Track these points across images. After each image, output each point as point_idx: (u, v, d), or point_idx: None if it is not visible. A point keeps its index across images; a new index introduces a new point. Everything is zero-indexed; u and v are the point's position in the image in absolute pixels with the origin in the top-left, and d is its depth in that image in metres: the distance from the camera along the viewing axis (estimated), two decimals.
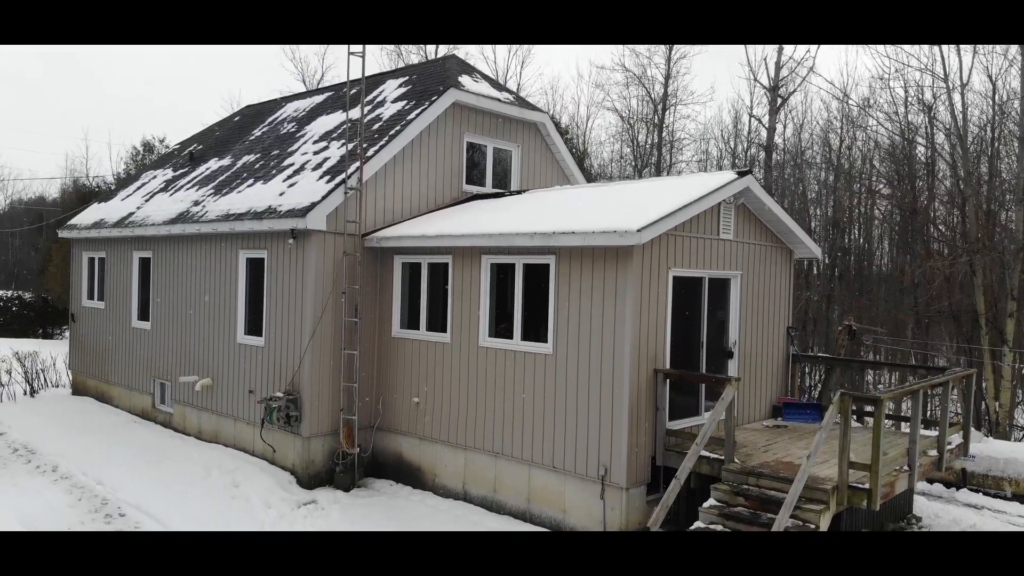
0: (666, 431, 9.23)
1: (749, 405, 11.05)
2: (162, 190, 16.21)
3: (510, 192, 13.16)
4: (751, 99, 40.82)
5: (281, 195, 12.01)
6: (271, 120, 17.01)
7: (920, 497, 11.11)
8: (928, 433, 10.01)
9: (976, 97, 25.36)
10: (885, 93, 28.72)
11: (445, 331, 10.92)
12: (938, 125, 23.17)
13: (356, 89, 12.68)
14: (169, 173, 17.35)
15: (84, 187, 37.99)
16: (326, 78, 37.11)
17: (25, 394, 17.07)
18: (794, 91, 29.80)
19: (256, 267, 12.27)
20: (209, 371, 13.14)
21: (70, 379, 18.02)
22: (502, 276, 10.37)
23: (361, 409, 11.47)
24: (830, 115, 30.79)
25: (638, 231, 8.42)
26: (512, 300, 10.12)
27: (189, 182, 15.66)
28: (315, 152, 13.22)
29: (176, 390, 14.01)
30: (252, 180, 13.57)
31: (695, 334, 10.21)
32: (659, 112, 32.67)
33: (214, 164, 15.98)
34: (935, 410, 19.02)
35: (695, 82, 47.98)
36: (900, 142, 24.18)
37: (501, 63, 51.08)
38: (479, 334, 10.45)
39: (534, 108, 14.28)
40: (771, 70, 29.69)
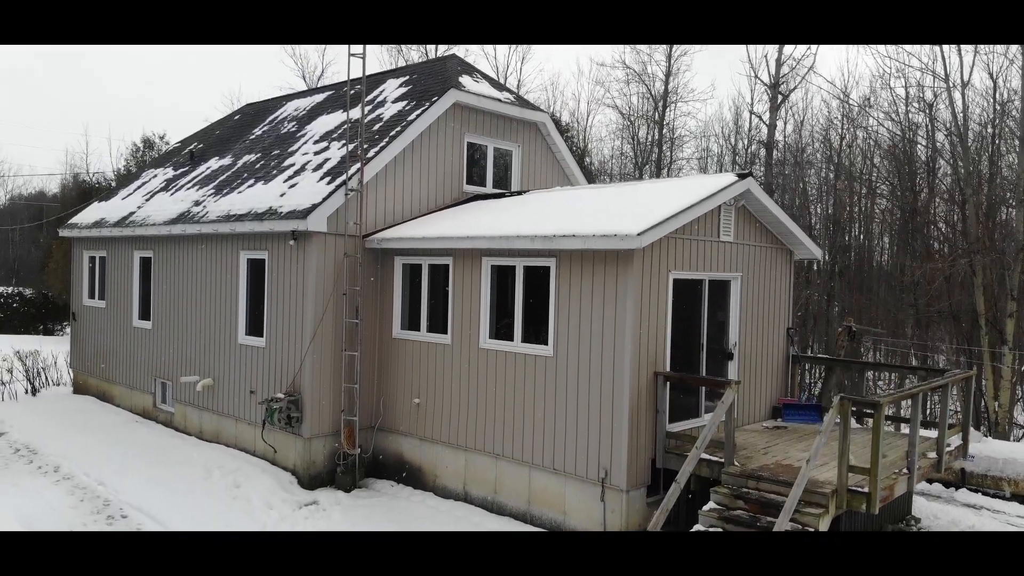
0: (666, 433, 9.26)
1: (749, 406, 11.07)
2: (163, 189, 16.21)
3: (511, 193, 13.17)
4: (752, 96, 40.83)
5: (282, 196, 12.02)
6: (271, 119, 17.00)
7: (919, 497, 11.14)
8: (927, 434, 10.02)
9: (977, 95, 25.37)
10: (886, 92, 28.62)
11: (446, 332, 10.94)
12: (938, 124, 23.17)
13: (356, 89, 12.68)
14: (170, 172, 17.35)
15: (84, 183, 38.01)
16: (326, 74, 37.14)
17: (27, 393, 17.11)
18: (795, 88, 29.81)
19: (257, 268, 12.29)
20: (210, 371, 13.17)
21: (71, 378, 18.07)
22: (503, 278, 10.39)
23: (362, 410, 11.50)
24: (831, 112, 30.82)
25: (638, 235, 8.44)
26: (513, 302, 10.14)
27: (190, 181, 15.66)
28: (315, 152, 13.22)
29: (177, 390, 14.04)
30: (253, 180, 13.57)
31: (695, 336, 10.23)
32: (659, 109, 32.66)
33: (215, 163, 15.97)
34: (935, 407, 19.06)
35: (696, 79, 47.85)
36: (900, 141, 24.17)
37: (501, 59, 51.01)
38: (480, 335, 10.47)
39: (535, 108, 14.27)
40: (772, 67, 29.71)
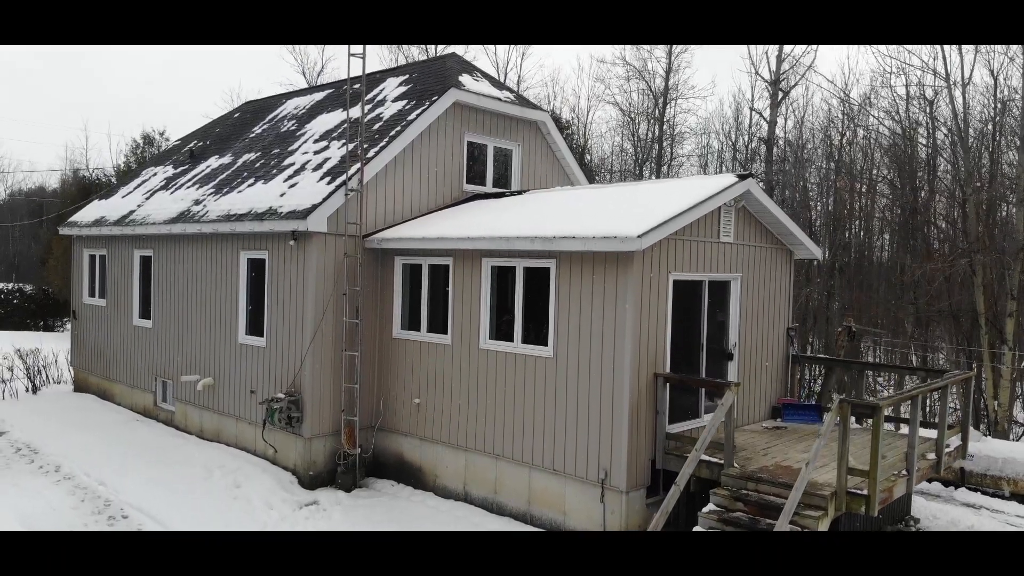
0: (666, 435, 9.28)
1: (749, 406, 11.09)
2: (163, 188, 16.19)
3: (511, 192, 13.16)
4: (752, 92, 40.80)
5: (282, 196, 12.01)
6: (271, 117, 16.97)
7: (919, 497, 11.16)
8: (927, 434, 10.02)
9: (977, 93, 25.33)
10: (886, 90, 28.63)
11: (446, 332, 10.95)
12: (939, 123, 23.14)
13: (356, 88, 12.66)
14: (170, 170, 17.33)
15: (84, 179, 37.97)
16: (326, 70, 37.11)
17: (27, 391, 17.12)
18: (795, 84, 29.77)
19: (257, 268, 12.29)
20: (211, 371, 13.18)
21: (72, 376, 18.08)
22: (503, 278, 10.39)
23: (362, 410, 11.51)
24: (831, 110, 30.76)
25: (638, 237, 8.44)
26: (513, 303, 10.14)
27: (190, 180, 15.65)
28: (315, 152, 13.21)
29: (178, 389, 14.05)
30: (253, 179, 13.56)
31: (695, 336, 10.24)
32: (660, 105, 32.62)
33: (214, 162, 15.95)
34: (935, 405, 19.06)
35: (696, 76, 47.92)
36: (901, 140, 24.14)
37: (502, 56, 50.76)
38: (480, 336, 10.48)
39: (535, 107, 14.26)
40: (772, 63, 29.65)
